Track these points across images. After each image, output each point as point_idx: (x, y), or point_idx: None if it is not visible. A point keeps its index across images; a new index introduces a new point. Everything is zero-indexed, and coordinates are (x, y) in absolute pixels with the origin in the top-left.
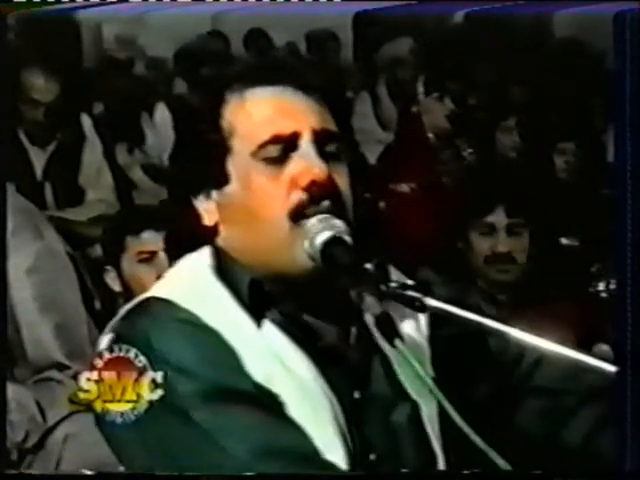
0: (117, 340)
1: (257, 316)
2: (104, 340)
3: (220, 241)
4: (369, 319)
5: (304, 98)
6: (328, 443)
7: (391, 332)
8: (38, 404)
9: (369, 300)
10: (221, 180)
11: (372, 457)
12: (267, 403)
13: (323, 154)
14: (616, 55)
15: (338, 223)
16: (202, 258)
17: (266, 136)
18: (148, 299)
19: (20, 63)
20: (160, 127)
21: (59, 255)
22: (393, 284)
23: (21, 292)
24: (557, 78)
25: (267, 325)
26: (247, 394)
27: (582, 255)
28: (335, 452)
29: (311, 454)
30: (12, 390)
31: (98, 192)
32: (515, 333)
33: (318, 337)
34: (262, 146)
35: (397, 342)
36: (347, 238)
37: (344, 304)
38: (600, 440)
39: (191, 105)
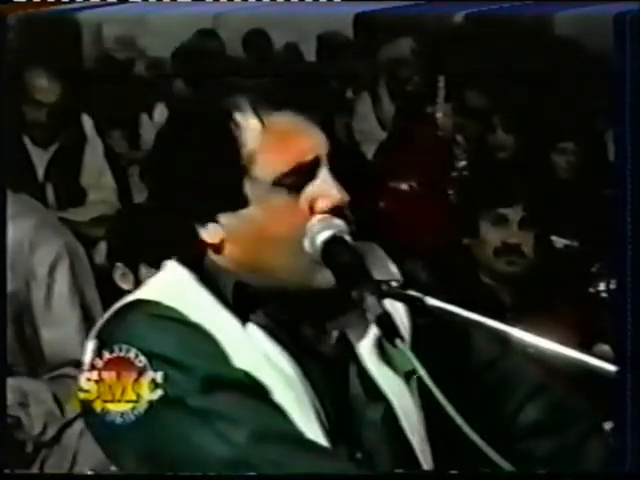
0: (110, 339)
1: (241, 317)
2: (93, 342)
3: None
4: (347, 320)
5: (312, 124)
6: (313, 433)
7: (392, 332)
8: (55, 398)
9: (369, 300)
10: (239, 203)
11: (359, 455)
12: (255, 390)
13: (339, 178)
14: (616, 55)
15: (339, 222)
16: (182, 268)
17: (286, 165)
18: (135, 301)
19: (21, 64)
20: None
21: (78, 252)
22: (394, 284)
23: (41, 290)
24: (557, 78)
25: (251, 326)
26: (237, 382)
27: (582, 255)
28: (319, 438)
29: (298, 437)
30: (30, 384)
31: (99, 193)
32: (515, 333)
33: (300, 337)
34: (283, 174)
35: (398, 342)
36: (347, 237)
37: (325, 309)
38: (600, 441)
39: (199, 121)
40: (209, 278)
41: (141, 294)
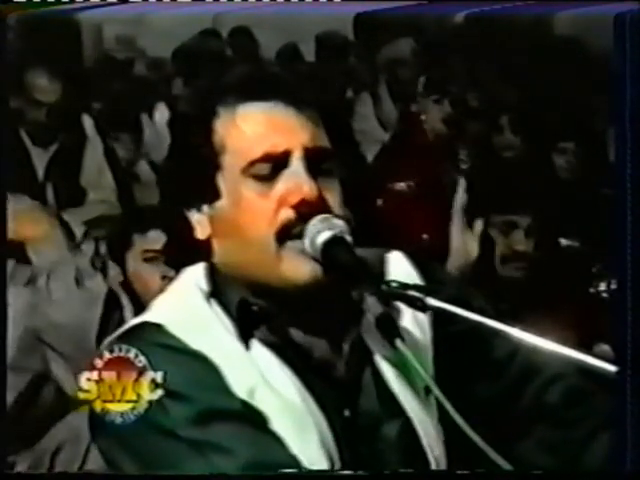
0: None
1: (245, 336)
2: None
3: (215, 257)
4: (365, 329)
5: (296, 114)
6: (312, 458)
7: (392, 333)
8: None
9: (369, 300)
10: (212, 195)
11: (362, 473)
12: (253, 419)
13: (314, 171)
14: (616, 55)
15: (339, 223)
16: (197, 278)
17: (257, 153)
18: (142, 324)
19: (20, 64)
20: (160, 127)
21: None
22: (394, 284)
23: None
24: (557, 78)
25: (255, 345)
26: (233, 413)
27: (583, 255)
28: (319, 466)
29: (295, 467)
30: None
31: (99, 193)
32: (516, 333)
33: (308, 355)
34: (253, 163)
35: (398, 343)
36: (348, 238)
37: (335, 319)
38: (600, 441)
39: (184, 114)
40: (219, 291)
41: (149, 316)
